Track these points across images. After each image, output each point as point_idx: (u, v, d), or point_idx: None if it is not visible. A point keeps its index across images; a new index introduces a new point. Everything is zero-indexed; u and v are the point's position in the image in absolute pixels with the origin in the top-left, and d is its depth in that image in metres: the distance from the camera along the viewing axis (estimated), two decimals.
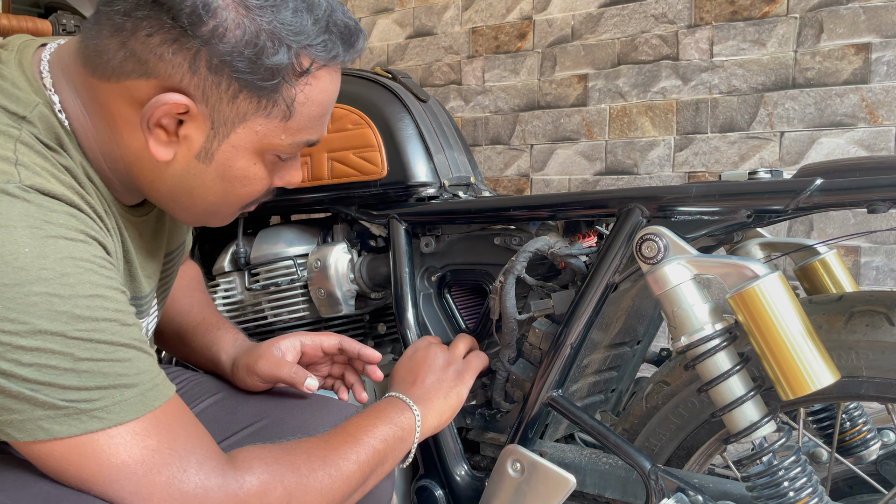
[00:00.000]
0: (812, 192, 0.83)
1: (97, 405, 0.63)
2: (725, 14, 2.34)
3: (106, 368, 0.63)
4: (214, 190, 0.76)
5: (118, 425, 0.64)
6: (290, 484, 0.73)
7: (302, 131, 0.75)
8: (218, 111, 0.70)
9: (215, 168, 0.74)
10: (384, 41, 3.13)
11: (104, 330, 0.63)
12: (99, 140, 0.72)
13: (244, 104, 0.70)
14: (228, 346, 1.04)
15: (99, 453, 0.63)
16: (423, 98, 1.27)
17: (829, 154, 2.20)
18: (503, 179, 2.84)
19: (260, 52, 0.68)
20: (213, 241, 1.51)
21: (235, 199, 0.78)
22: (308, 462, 0.76)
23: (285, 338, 1.01)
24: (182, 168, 0.73)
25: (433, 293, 1.22)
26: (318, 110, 0.75)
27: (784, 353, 0.79)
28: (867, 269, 2.16)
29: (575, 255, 1.02)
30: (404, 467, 0.99)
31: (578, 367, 1.08)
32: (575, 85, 2.65)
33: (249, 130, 0.72)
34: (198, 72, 0.67)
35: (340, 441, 0.81)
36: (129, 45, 0.67)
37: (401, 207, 1.20)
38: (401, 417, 0.91)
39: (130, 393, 0.65)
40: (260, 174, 0.77)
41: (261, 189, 0.78)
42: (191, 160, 0.73)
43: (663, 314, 0.89)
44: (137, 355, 0.66)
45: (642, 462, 0.92)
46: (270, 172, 0.78)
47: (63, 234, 0.63)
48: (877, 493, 1.14)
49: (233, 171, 0.74)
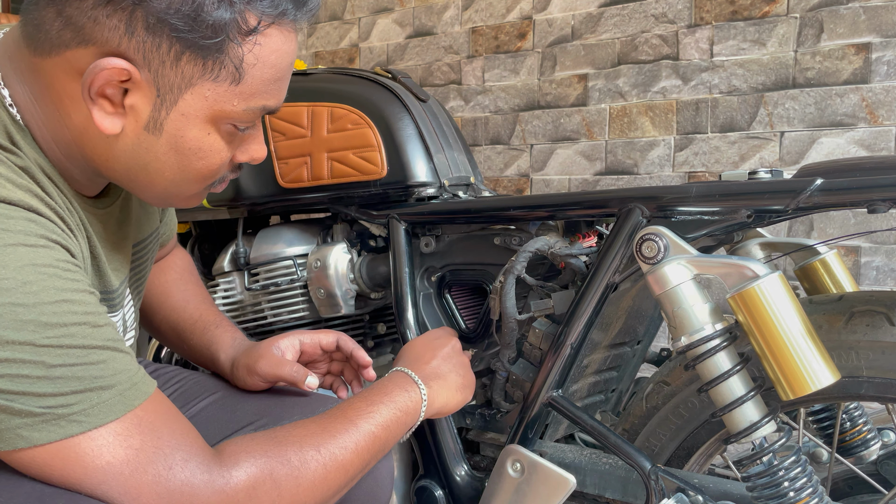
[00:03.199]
0: (812, 192, 0.83)
1: (75, 409, 0.62)
2: (725, 14, 2.34)
3: (80, 372, 0.62)
4: (169, 164, 0.72)
5: (99, 427, 0.63)
6: (281, 476, 0.71)
7: (256, 96, 0.71)
8: (162, 76, 0.66)
9: (167, 140, 0.70)
10: (384, 41, 3.13)
11: (74, 334, 0.62)
12: (51, 127, 0.70)
13: (189, 67, 0.67)
14: (227, 345, 1.03)
15: (82, 457, 0.63)
16: (423, 98, 1.26)
17: (829, 154, 2.20)
18: (503, 179, 2.84)
19: (199, 7, 0.64)
20: (213, 241, 1.51)
21: (194, 174, 0.74)
22: (300, 452, 0.74)
23: (284, 337, 1.01)
24: (132, 142, 0.70)
25: (433, 293, 1.22)
26: (272, 73, 0.71)
27: (784, 353, 0.79)
28: (867, 269, 2.16)
29: (575, 255, 1.02)
30: (402, 441, 0.98)
31: (578, 367, 1.08)
32: (575, 85, 2.65)
33: (198, 96, 0.68)
34: (135, 33, 0.64)
35: (338, 428, 0.79)
36: (65, 13, 0.64)
37: (401, 207, 1.20)
38: (405, 397, 0.88)
39: (108, 394, 0.64)
40: (216, 145, 0.72)
41: (219, 162, 0.74)
42: (140, 133, 0.69)
43: (663, 314, 0.88)
44: (112, 356, 0.65)
45: (642, 462, 0.92)
46: (229, 144, 0.74)
47: (22, 241, 0.61)
48: (877, 493, 1.14)
49: (185, 142, 0.71)
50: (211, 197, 1.34)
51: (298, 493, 0.73)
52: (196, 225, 1.51)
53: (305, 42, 3.37)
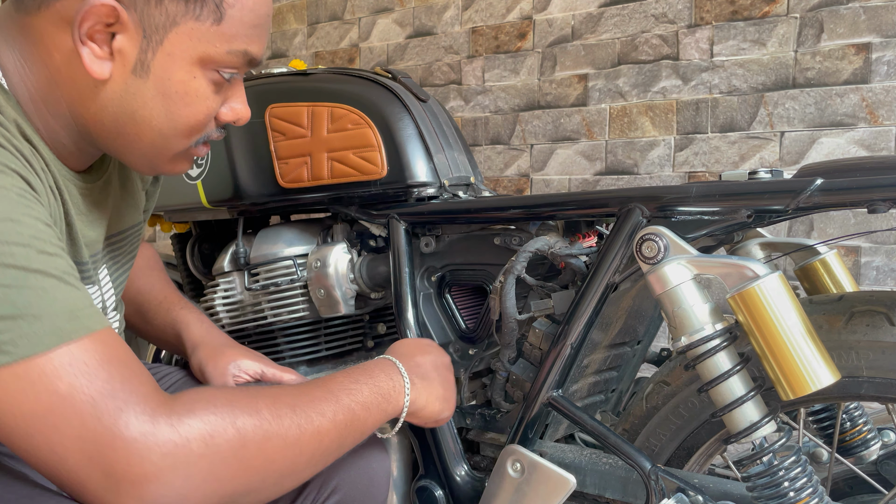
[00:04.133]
0: (812, 192, 0.83)
1: (2, 338, 0.57)
2: (725, 14, 2.34)
3: (13, 296, 0.57)
4: (157, 111, 0.72)
5: (23, 360, 0.57)
6: (247, 427, 0.65)
7: (237, 38, 0.72)
8: (147, 16, 0.68)
9: (154, 83, 0.71)
10: (384, 41, 3.13)
11: (14, 254, 0.58)
12: (40, 88, 0.71)
13: (172, 5, 0.69)
14: (191, 325, 1.01)
15: (6, 394, 0.57)
16: (423, 98, 1.26)
17: (829, 154, 2.20)
18: (503, 179, 2.84)
19: None
20: (213, 241, 1.51)
21: (182, 124, 0.74)
22: (273, 406, 0.69)
23: (250, 357, 0.99)
24: (121, 88, 0.71)
25: (433, 293, 1.22)
26: (251, 17, 0.73)
27: (784, 353, 0.79)
28: (867, 269, 2.16)
29: (575, 255, 1.02)
30: (391, 437, 0.94)
31: (578, 367, 1.08)
32: (575, 85, 2.65)
33: (182, 36, 0.70)
34: None
35: (318, 395, 0.74)
36: None
37: (401, 207, 1.20)
38: (388, 383, 0.85)
39: (41, 325, 0.58)
40: (202, 91, 0.73)
41: (205, 112, 0.75)
42: (128, 77, 0.70)
43: (663, 314, 0.88)
44: (56, 285, 0.60)
45: (642, 462, 0.92)
46: (216, 94, 0.75)
47: None
48: (877, 493, 1.14)
49: (172, 84, 0.72)
50: (211, 197, 1.34)
51: (266, 448, 0.66)
52: (196, 225, 1.51)
53: (305, 42, 3.37)
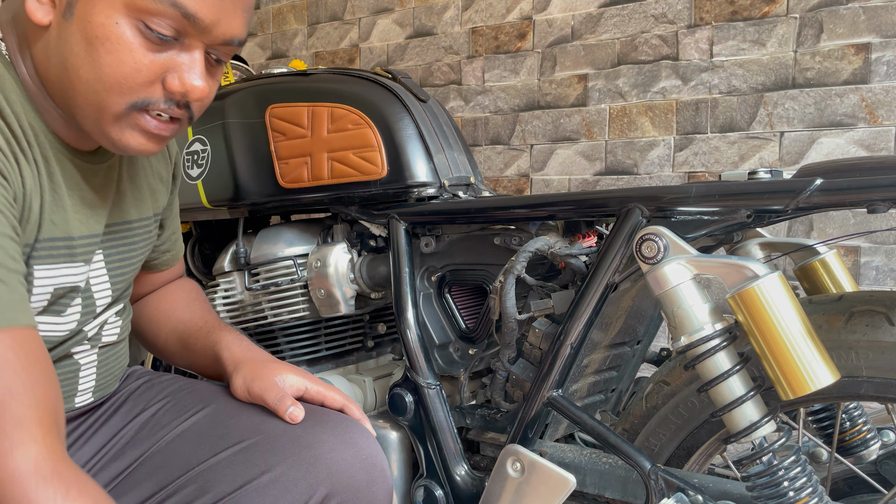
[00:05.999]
0: (812, 192, 0.83)
1: None
2: (725, 14, 2.34)
3: None
4: (82, 58, 0.70)
5: None
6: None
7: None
8: None
9: (77, 26, 0.69)
10: (384, 41, 3.13)
11: None
12: (35, 58, 0.73)
13: None
14: (234, 346, 0.98)
15: None
16: (423, 98, 1.27)
17: (829, 154, 2.20)
18: (503, 179, 2.84)
19: None
20: (213, 241, 1.51)
21: (107, 74, 0.70)
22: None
23: (296, 373, 0.93)
24: (55, 34, 0.71)
25: (433, 293, 1.22)
26: None
27: (784, 352, 0.79)
28: (867, 269, 2.16)
29: (575, 255, 1.02)
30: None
31: (578, 367, 1.08)
32: (575, 85, 2.65)
33: None
34: None
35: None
36: None
37: (401, 207, 1.20)
38: None
39: None
40: (126, 40, 0.69)
41: (132, 63, 0.71)
42: (60, 21, 0.70)
43: (663, 314, 0.89)
44: None
45: (642, 462, 0.92)
46: (148, 51, 0.71)
47: None
48: (877, 493, 1.14)
49: (92, 28, 0.69)
50: (211, 197, 1.34)
51: None
52: (196, 225, 1.51)
53: (306, 42, 3.37)
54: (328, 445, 0.85)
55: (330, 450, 0.85)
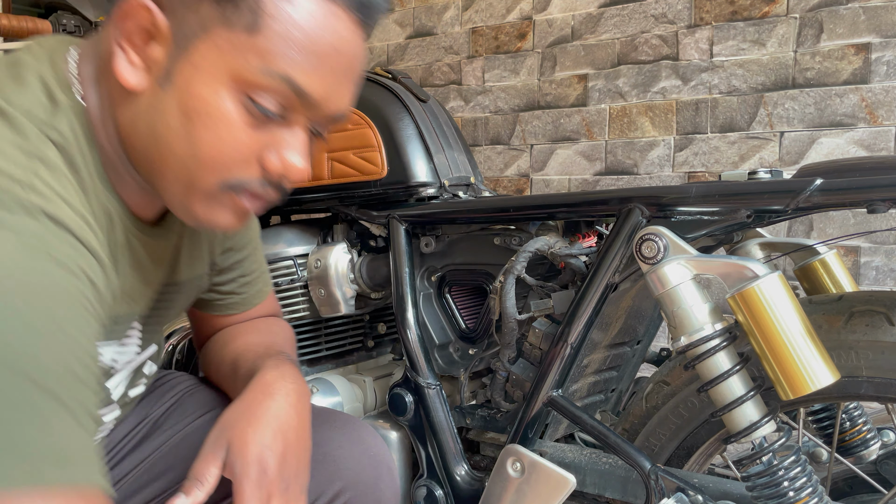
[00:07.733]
0: (812, 192, 0.83)
1: None
2: (725, 14, 2.34)
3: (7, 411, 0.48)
4: (177, 131, 0.63)
5: None
6: None
7: (275, 57, 0.61)
8: (183, 21, 0.61)
9: (175, 96, 0.62)
10: (384, 41, 3.13)
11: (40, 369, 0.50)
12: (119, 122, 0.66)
13: (207, 8, 0.61)
14: (268, 371, 0.82)
15: None
16: (423, 98, 1.27)
17: (829, 154, 2.20)
18: (503, 179, 2.84)
19: None
20: None
21: (204, 151, 0.63)
22: None
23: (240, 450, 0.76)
24: (147, 101, 0.64)
25: (433, 293, 1.22)
26: (301, 38, 0.62)
27: (784, 352, 0.79)
28: (867, 269, 2.16)
29: (575, 255, 1.02)
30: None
31: (578, 367, 1.08)
32: (575, 85, 2.65)
33: (211, 45, 0.61)
34: None
35: None
36: None
37: (401, 207, 1.20)
38: None
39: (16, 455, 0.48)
40: (228, 115, 0.63)
41: (232, 142, 0.64)
42: (156, 89, 0.63)
43: (663, 314, 0.89)
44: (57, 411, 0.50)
45: (642, 462, 0.92)
46: (250, 128, 0.64)
47: None
48: (877, 493, 1.14)
49: (192, 100, 0.62)
50: None
51: None
52: None
53: None
54: (336, 443, 0.86)
55: (338, 447, 0.86)
